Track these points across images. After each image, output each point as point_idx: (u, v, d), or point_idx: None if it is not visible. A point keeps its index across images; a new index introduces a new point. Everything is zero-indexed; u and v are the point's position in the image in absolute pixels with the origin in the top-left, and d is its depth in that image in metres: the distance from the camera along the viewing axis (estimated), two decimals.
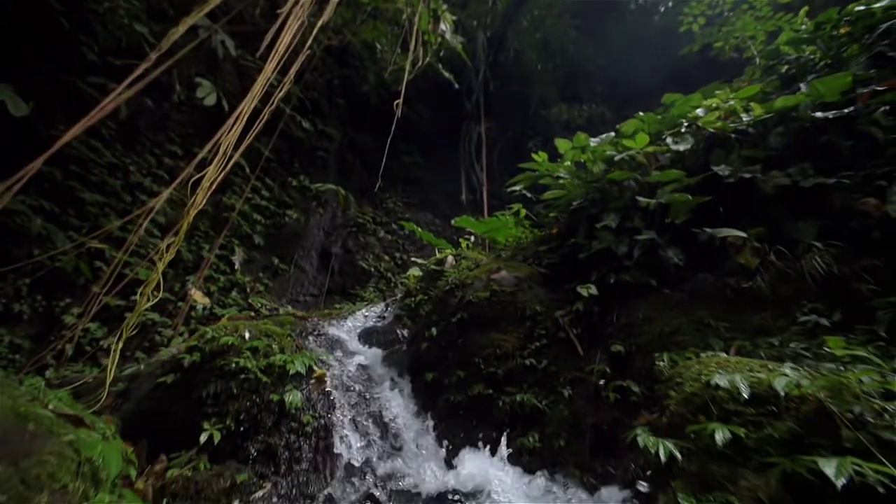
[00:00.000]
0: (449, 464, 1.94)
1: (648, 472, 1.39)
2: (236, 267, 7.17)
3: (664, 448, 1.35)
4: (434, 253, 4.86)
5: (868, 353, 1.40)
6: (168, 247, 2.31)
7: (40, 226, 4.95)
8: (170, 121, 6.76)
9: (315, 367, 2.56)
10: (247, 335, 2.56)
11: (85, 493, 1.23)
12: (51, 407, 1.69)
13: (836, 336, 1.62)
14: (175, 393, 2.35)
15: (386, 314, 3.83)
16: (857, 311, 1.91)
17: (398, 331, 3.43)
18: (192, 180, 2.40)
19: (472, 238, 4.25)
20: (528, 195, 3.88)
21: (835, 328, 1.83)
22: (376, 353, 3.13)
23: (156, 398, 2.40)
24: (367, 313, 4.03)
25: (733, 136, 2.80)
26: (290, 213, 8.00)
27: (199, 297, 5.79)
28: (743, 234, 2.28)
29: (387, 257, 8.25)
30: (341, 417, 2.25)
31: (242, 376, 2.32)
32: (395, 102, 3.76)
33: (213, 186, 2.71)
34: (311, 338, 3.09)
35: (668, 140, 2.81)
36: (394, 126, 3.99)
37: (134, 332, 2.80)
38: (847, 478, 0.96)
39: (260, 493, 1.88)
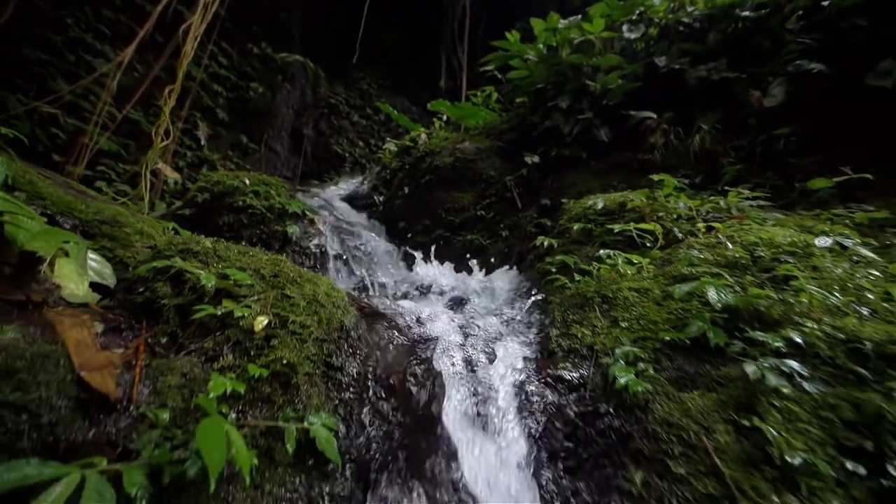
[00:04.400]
0: (412, 271, 2.90)
1: (536, 256, 2.35)
2: (202, 143, 7.38)
3: (548, 241, 2.28)
4: None
5: (688, 189, 2.29)
6: (170, 93, 2.78)
7: None
8: None
9: (307, 213, 3.33)
10: (247, 182, 3.23)
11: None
12: None
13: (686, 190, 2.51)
14: (193, 223, 3.09)
15: (364, 185, 4.54)
16: (714, 175, 2.81)
17: (375, 197, 4.19)
18: (182, 28, 2.74)
19: (445, 118, 4.77)
20: (500, 77, 4.33)
21: (692, 186, 2.73)
22: (357, 212, 3.93)
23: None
24: (346, 185, 4.72)
25: (681, 28, 3.32)
26: (253, 87, 7.91)
27: (168, 171, 6.20)
28: (654, 116, 3.02)
29: (361, 143, 8.58)
30: (332, 245, 3.11)
31: (250, 211, 3.07)
32: None
33: (198, 38, 3.03)
34: (299, 195, 3.80)
35: (624, 27, 3.30)
36: None
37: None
38: (628, 233, 1.89)
39: None
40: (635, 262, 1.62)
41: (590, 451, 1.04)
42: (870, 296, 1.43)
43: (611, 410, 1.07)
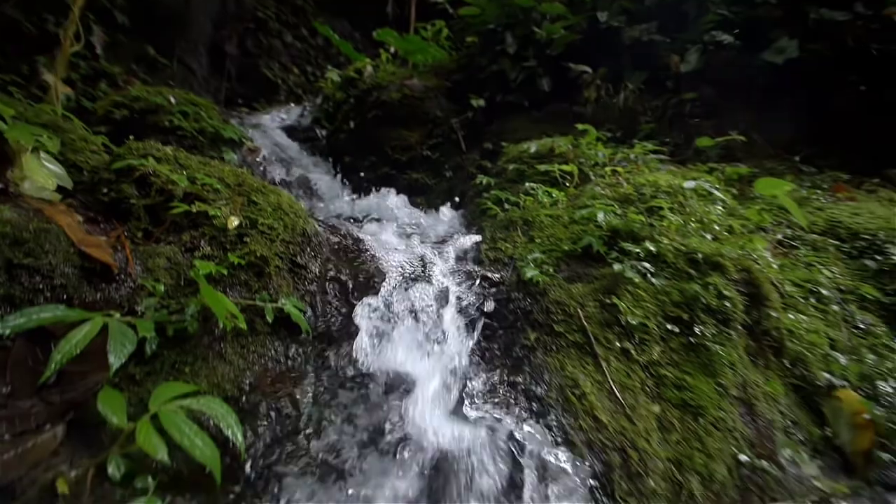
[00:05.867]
0: (356, 203, 3.13)
1: (476, 193, 2.72)
2: (98, 51, 6.43)
3: (487, 180, 2.64)
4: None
5: (609, 141, 2.76)
6: None
7: None
8: None
9: (245, 140, 3.32)
10: (172, 100, 3.11)
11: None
12: None
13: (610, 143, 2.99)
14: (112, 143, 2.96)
15: (304, 116, 4.48)
16: (633, 131, 3.33)
17: (317, 130, 4.20)
18: None
19: (393, 51, 4.75)
20: (451, 11, 4.39)
21: (613, 139, 3.23)
22: (298, 145, 3.94)
23: None
24: (283, 115, 4.61)
25: None
26: None
27: (59, 84, 5.51)
28: (590, 71, 3.41)
29: (296, 70, 8.05)
30: (275, 175, 3.18)
31: (179, 133, 3.00)
32: None
33: None
34: (233, 121, 3.70)
35: None
36: None
37: None
38: (553, 173, 2.30)
39: None
40: (554, 195, 2.04)
41: (502, 324, 1.47)
42: (716, 227, 2.01)
43: (519, 297, 1.50)
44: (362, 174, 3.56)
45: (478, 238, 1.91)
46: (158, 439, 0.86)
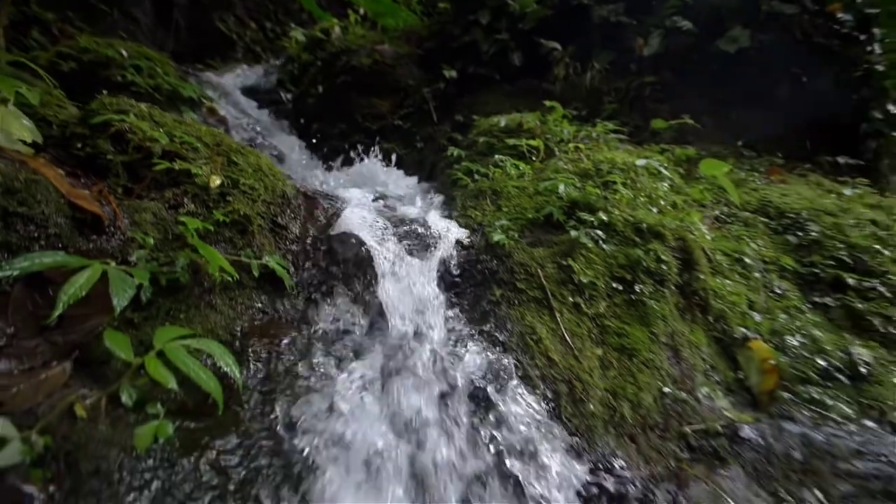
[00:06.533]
0: (330, 173, 3.19)
1: (447, 164, 2.87)
2: None
3: (458, 152, 2.78)
4: None
5: (574, 119, 2.96)
6: None
7: None
8: None
9: (204, 100, 3.24)
10: (124, 52, 2.97)
11: None
12: None
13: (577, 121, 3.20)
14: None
15: (266, 78, 4.37)
16: (597, 110, 3.57)
17: (282, 93, 4.12)
18: None
19: (362, 13, 4.66)
20: None
21: (579, 118, 3.45)
22: (262, 108, 3.87)
23: None
24: (242, 75, 4.46)
25: None
26: None
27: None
28: (560, 48, 3.57)
29: (254, 25, 7.60)
30: (239, 139, 3.15)
31: (133, 89, 2.88)
32: None
33: None
34: (190, 79, 3.58)
35: None
36: None
37: None
38: (521, 147, 2.48)
39: None
40: (521, 168, 2.23)
41: (471, 283, 1.66)
42: (662, 201, 2.29)
43: (487, 258, 1.70)
44: (332, 142, 3.58)
45: (450, 207, 2.07)
46: (167, 371, 0.99)
